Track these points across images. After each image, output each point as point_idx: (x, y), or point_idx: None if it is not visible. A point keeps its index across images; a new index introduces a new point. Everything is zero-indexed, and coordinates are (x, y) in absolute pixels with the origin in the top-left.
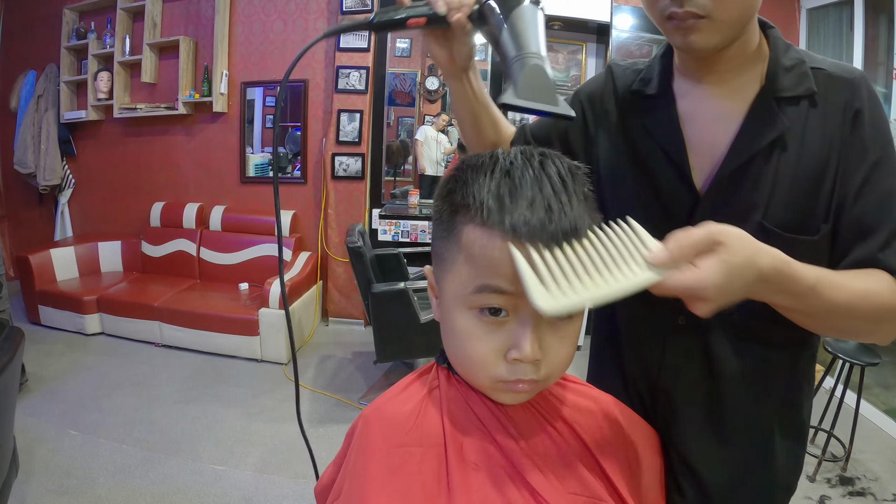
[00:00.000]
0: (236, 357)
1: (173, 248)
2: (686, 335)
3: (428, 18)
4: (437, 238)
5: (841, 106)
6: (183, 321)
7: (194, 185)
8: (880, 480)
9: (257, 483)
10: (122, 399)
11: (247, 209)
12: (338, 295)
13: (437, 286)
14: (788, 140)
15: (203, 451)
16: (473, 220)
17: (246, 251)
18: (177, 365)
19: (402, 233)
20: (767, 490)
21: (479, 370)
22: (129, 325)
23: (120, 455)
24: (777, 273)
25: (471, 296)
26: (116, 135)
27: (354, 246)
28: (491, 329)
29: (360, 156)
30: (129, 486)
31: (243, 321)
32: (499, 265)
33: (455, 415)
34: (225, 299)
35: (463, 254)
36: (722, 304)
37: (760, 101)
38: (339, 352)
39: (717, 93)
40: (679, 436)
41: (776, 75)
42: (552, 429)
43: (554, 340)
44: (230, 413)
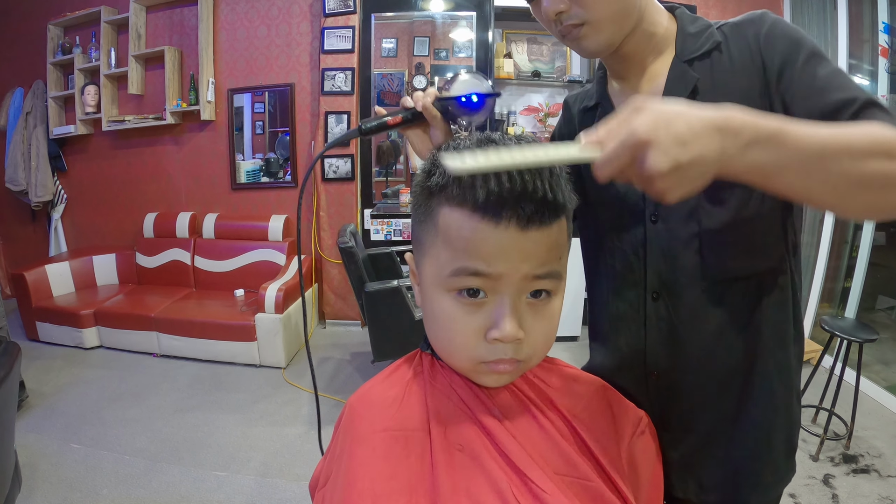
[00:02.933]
0: (235, 363)
1: (168, 258)
2: (660, 303)
3: (404, 118)
4: (416, 223)
5: (748, 40)
6: (180, 330)
7: (186, 194)
8: (884, 457)
9: (260, 487)
10: (122, 411)
11: (239, 216)
12: (333, 297)
13: (417, 271)
14: (702, 90)
15: (205, 457)
16: (450, 201)
17: (240, 258)
18: (176, 374)
19: (395, 231)
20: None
21: (459, 352)
22: (127, 336)
23: (122, 466)
24: (734, 119)
25: (449, 278)
26: (106, 148)
27: (346, 246)
28: (470, 310)
29: (349, 157)
30: (132, 496)
31: (240, 327)
32: (475, 246)
33: (439, 398)
34: (221, 306)
35: (440, 237)
36: (675, 154)
37: (673, 70)
38: (337, 353)
39: (644, 80)
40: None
41: (684, 43)
42: (537, 411)
43: (533, 320)
44: (230, 419)
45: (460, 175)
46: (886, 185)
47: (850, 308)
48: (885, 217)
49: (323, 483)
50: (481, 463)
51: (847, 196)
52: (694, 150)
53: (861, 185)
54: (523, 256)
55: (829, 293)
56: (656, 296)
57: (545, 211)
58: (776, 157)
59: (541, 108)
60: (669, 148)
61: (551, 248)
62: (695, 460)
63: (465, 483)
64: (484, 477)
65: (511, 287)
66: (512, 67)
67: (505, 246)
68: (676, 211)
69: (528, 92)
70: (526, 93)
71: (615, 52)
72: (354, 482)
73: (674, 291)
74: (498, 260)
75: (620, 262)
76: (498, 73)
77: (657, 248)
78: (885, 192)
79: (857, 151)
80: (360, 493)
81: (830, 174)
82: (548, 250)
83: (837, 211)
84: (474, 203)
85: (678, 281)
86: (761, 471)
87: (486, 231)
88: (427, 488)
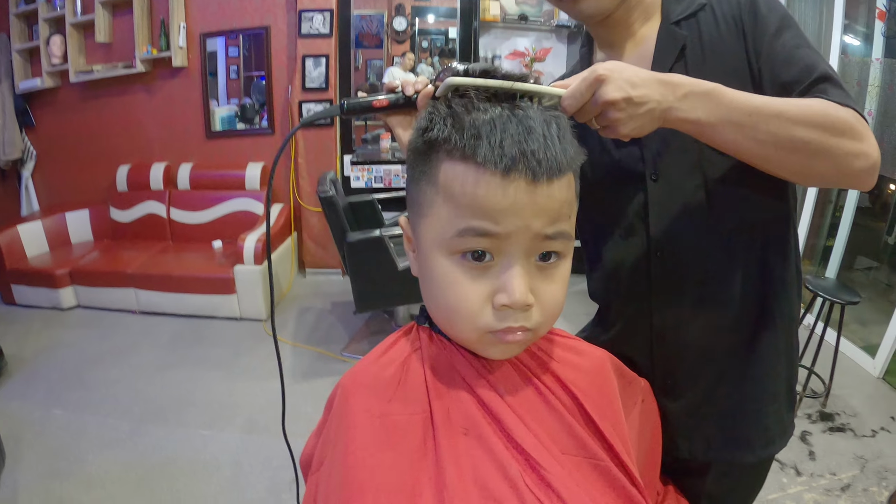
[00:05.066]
0: (215, 317)
1: (143, 212)
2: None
3: (391, 102)
4: (412, 181)
5: (734, 2)
6: (158, 285)
7: (159, 145)
8: (859, 416)
9: (246, 445)
10: (104, 372)
11: (215, 165)
12: (313, 245)
13: (413, 236)
14: (690, 50)
15: (189, 416)
16: (452, 154)
17: (217, 208)
18: (156, 331)
19: (376, 178)
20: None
21: (464, 321)
22: (104, 294)
23: (107, 429)
24: (676, 77)
25: (452, 240)
26: (75, 100)
27: (326, 196)
28: (475, 274)
29: (327, 102)
30: (119, 460)
31: (219, 280)
32: (482, 202)
33: (440, 377)
34: (199, 259)
35: (441, 194)
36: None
37: (661, 32)
38: (318, 303)
39: (631, 45)
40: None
41: (670, 5)
42: (543, 386)
43: (543, 283)
44: (213, 375)
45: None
46: (813, 153)
47: (831, 267)
48: (811, 183)
49: (316, 467)
50: (489, 447)
51: (774, 156)
52: (641, 90)
53: (788, 149)
54: (533, 213)
55: (810, 250)
56: (661, 254)
57: (555, 163)
58: (709, 111)
59: (527, 53)
60: (622, 84)
61: (562, 204)
62: (701, 418)
63: (472, 471)
64: (492, 462)
65: (520, 248)
66: (498, 10)
67: (514, 201)
68: (677, 166)
69: (515, 36)
70: (512, 36)
71: (606, 18)
72: (353, 474)
73: (680, 247)
74: (507, 217)
75: (622, 225)
76: (483, 15)
77: (659, 205)
78: (811, 159)
79: (789, 118)
80: (361, 486)
81: (758, 132)
82: (559, 207)
83: (766, 169)
84: (481, 155)
85: (684, 236)
86: (767, 423)
87: (494, 185)
88: (431, 477)
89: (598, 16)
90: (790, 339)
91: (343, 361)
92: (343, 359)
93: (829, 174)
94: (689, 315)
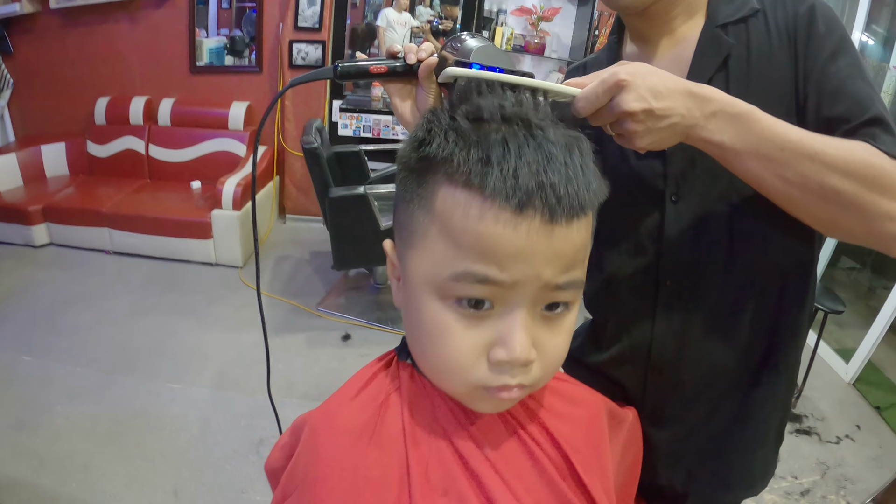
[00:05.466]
0: (190, 261)
1: (120, 147)
2: (674, 292)
3: (390, 69)
4: (402, 201)
5: (787, 14)
6: (133, 227)
7: (141, 78)
8: (826, 420)
9: (215, 401)
10: (74, 316)
11: (198, 101)
12: (295, 191)
13: (399, 264)
14: (735, 60)
15: (159, 368)
16: (454, 178)
17: (198, 147)
18: (129, 273)
19: (364, 128)
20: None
21: (454, 375)
22: (78, 233)
23: (75, 378)
24: (707, 89)
25: (447, 283)
26: (55, 28)
27: (311, 147)
28: (471, 324)
29: (320, 43)
30: (86, 412)
31: (196, 224)
32: (487, 243)
33: (419, 423)
34: (176, 200)
35: (437, 225)
36: (648, 99)
37: (705, 34)
38: (296, 252)
39: (667, 43)
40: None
41: (718, 6)
42: (530, 438)
43: (547, 335)
44: (185, 324)
45: (451, 78)
46: (845, 205)
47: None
48: (833, 234)
49: (280, 498)
50: None
51: (799, 199)
52: (664, 102)
53: (817, 195)
54: (546, 259)
55: None
56: (670, 283)
57: (576, 201)
58: (737, 136)
59: (534, 10)
60: (644, 93)
61: (578, 249)
62: (685, 450)
63: None
64: None
65: (526, 297)
66: None
67: (525, 244)
68: (703, 192)
69: None
70: None
71: (644, 10)
72: None
73: (692, 280)
74: (515, 263)
75: (631, 241)
76: None
77: (677, 231)
78: (840, 212)
79: (825, 161)
80: None
81: (787, 170)
82: (574, 252)
83: (785, 208)
84: (490, 185)
85: (697, 268)
86: (752, 465)
87: (503, 223)
88: None
89: (636, 7)
90: (791, 385)
91: (318, 317)
92: (318, 314)
93: (856, 231)
94: (690, 352)
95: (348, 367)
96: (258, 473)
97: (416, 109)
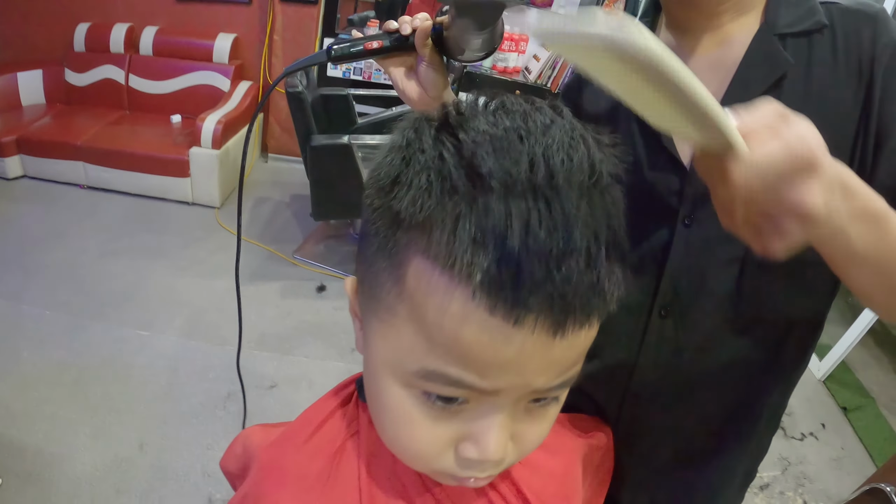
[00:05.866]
0: (166, 199)
1: (100, 76)
2: (668, 322)
3: (384, 44)
4: (367, 240)
5: (861, 40)
6: (109, 161)
7: (123, 4)
8: (793, 416)
9: (183, 351)
10: (45, 254)
11: (182, 31)
12: (279, 129)
13: (359, 315)
14: (791, 84)
15: (128, 314)
16: (430, 253)
17: (180, 79)
18: (103, 209)
19: (355, 70)
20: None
21: (415, 461)
22: (52, 166)
23: (44, 323)
24: (854, 177)
25: (414, 376)
26: None
27: (294, 91)
28: (440, 416)
29: None
30: (54, 358)
31: (173, 161)
32: (470, 352)
33: (377, 482)
34: (155, 135)
35: (406, 304)
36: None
37: (759, 41)
38: (276, 193)
39: (710, 40)
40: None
41: (778, 9)
42: (499, 497)
43: (528, 426)
44: (157, 266)
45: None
46: None
47: None
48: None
49: None
50: None
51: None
52: (837, 199)
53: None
54: (540, 369)
55: None
56: (665, 312)
57: (590, 307)
58: (871, 242)
59: None
60: (832, 184)
61: (581, 353)
62: (651, 480)
63: None
64: None
65: (508, 401)
66: None
67: (518, 357)
68: (720, 223)
69: None
70: None
71: None
72: None
73: (689, 313)
74: (501, 374)
75: (633, 258)
76: None
77: (682, 257)
78: None
79: None
80: None
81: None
82: (577, 356)
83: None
84: (481, 283)
85: (699, 303)
86: (716, 500)
87: (492, 333)
88: None
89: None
90: (771, 431)
91: (294, 265)
92: (294, 262)
93: None
94: (673, 388)
95: (321, 320)
96: (224, 429)
97: (423, 90)
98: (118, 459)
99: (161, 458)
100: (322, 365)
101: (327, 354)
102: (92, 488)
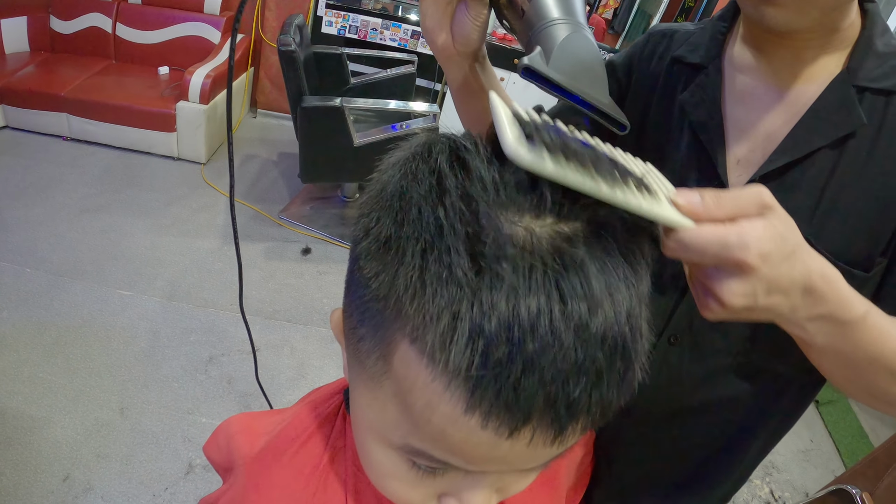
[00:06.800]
0: (151, 154)
1: (86, 24)
2: (675, 350)
3: None
4: (352, 288)
5: None
6: (93, 114)
7: None
8: None
9: (165, 312)
10: (25, 209)
11: None
12: (269, 85)
13: (345, 356)
14: (857, 144)
15: (110, 273)
16: (421, 344)
17: (169, 29)
18: (86, 162)
19: (350, 28)
20: None
21: (399, 502)
22: (35, 117)
23: (24, 281)
24: (826, 283)
25: (397, 446)
26: None
27: (287, 49)
28: (425, 477)
29: None
30: (33, 318)
31: (159, 115)
32: (458, 447)
33: (364, 501)
34: (141, 87)
35: (392, 384)
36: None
37: (836, 87)
38: (264, 151)
39: (788, 72)
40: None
41: (864, 59)
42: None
43: (517, 479)
44: (140, 224)
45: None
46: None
47: None
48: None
49: None
50: None
51: (855, 395)
52: (775, 300)
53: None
54: (534, 462)
55: None
56: (674, 340)
57: (600, 417)
58: (831, 340)
59: None
60: (759, 290)
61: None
62: (629, 493)
63: None
64: None
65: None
66: None
67: (509, 456)
68: None
69: None
70: None
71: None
72: None
73: (699, 347)
74: (491, 464)
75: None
76: None
77: None
78: (887, 407)
79: None
80: None
81: (863, 378)
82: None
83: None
84: (473, 388)
85: (711, 338)
86: None
87: (483, 439)
88: None
89: (780, 29)
90: (751, 468)
91: (279, 226)
92: (280, 223)
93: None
94: (666, 415)
95: (305, 284)
96: (205, 394)
97: (451, 38)
98: (98, 423)
99: (142, 422)
100: (304, 330)
101: (310, 320)
102: (73, 452)
